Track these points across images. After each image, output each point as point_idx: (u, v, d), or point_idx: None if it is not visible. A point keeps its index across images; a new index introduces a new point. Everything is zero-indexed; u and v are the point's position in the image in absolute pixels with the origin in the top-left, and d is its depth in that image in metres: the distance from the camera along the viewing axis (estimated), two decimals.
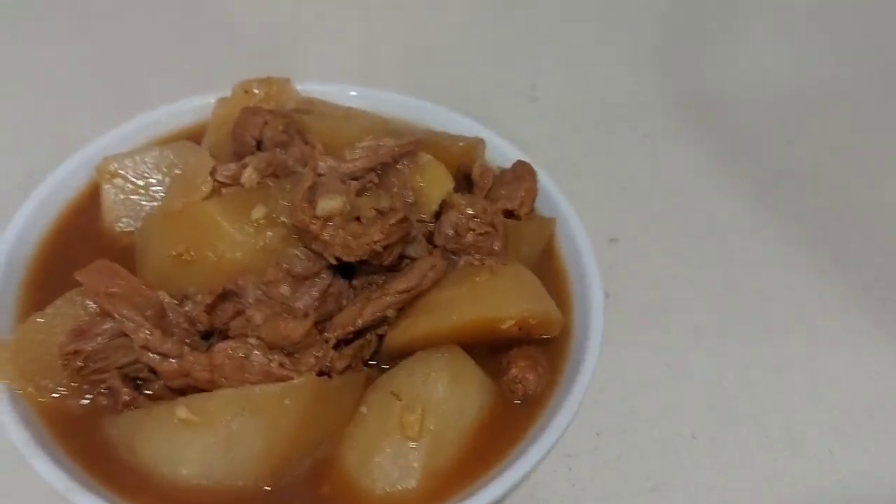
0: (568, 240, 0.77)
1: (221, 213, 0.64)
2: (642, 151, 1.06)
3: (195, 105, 0.86)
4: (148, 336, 0.59)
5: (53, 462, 0.58)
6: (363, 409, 0.63)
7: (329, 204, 0.61)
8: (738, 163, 1.06)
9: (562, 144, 1.04)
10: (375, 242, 0.60)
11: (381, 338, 0.66)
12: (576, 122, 1.10)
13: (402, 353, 0.65)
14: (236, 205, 0.64)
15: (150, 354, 0.60)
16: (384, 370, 0.66)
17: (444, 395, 0.63)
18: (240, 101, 0.81)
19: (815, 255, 0.95)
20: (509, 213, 0.75)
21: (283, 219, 0.64)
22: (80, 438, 0.61)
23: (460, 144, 0.79)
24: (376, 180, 0.66)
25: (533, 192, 0.77)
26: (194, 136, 0.83)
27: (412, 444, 0.61)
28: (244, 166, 0.67)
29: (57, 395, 0.62)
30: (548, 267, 0.76)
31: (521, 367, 0.67)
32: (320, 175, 0.64)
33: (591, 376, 0.66)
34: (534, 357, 0.68)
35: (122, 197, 0.75)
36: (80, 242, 0.74)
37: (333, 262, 0.61)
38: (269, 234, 0.64)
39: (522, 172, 0.78)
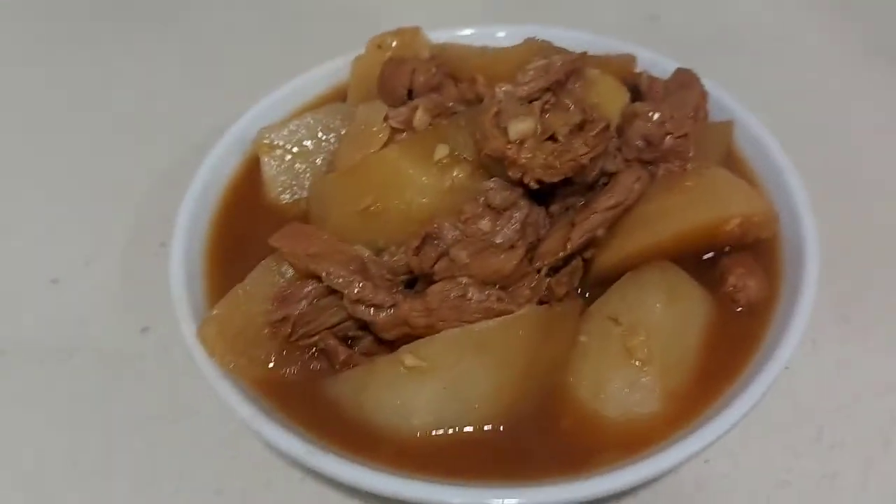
0: (750, 141, 0.73)
1: (404, 158, 0.61)
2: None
3: (325, 71, 0.85)
4: (361, 289, 0.57)
5: (286, 431, 0.56)
6: (583, 339, 0.60)
7: (520, 126, 0.57)
8: None
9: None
10: (582, 156, 0.56)
11: (585, 263, 0.62)
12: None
13: (611, 277, 0.62)
14: (417, 148, 0.62)
15: (364, 307, 0.58)
16: (588, 298, 0.63)
17: (664, 313, 0.60)
18: (375, 56, 0.79)
19: None
20: None
21: (465, 155, 0.61)
22: (301, 405, 0.59)
23: (616, 59, 0.74)
24: (553, 100, 0.62)
25: (705, 95, 0.72)
26: (335, 99, 0.82)
27: (643, 368, 0.58)
28: (414, 109, 0.65)
29: (269, 366, 0.61)
30: (733, 170, 0.70)
31: (739, 273, 0.63)
32: (499, 102, 0.60)
33: (817, 279, 0.61)
34: (749, 263, 0.63)
35: (283, 167, 0.73)
36: (249, 219, 0.73)
37: (535, 186, 0.58)
38: (456, 172, 0.61)
39: (687, 79, 0.73)
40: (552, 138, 0.58)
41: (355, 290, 0.58)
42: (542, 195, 0.61)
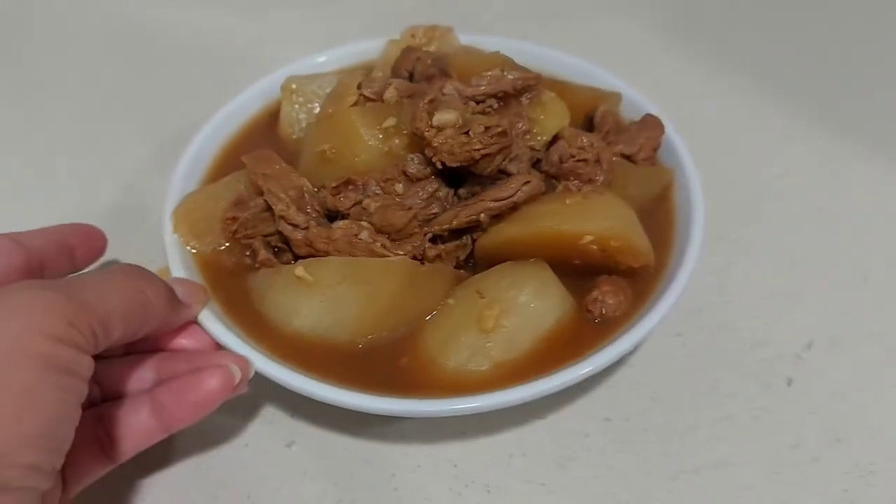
0: (683, 190, 0.80)
1: (359, 119, 0.75)
2: None
3: (370, 46, 0.99)
4: (285, 209, 0.72)
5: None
6: (450, 301, 0.71)
7: (444, 116, 0.70)
8: None
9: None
10: (475, 150, 0.68)
11: (474, 242, 0.73)
12: None
13: (492, 260, 0.72)
14: (372, 115, 0.75)
15: (285, 224, 0.72)
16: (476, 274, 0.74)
17: (525, 300, 0.69)
18: (406, 42, 0.93)
19: None
20: (628, 158, 0.80)
21: (405, 129, 0.74)
22: (226, 288, 0.74)
23: (590, 92, 0.84)
24: (496, 107, 0.74)
25: (654, 140, 0.80)
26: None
27: (486, 336, 0.68)
28: (388, 85, 0.78)
29: (215, 250, 0.77)
30: (660, 215, 0.79)
31: (603, 290, 0.71)
32: (444, 94, 0.73)
33: (673, 302, 0.68)
34: (619, 285, 0.71)
35: (296, 109, 0.89)
36: (262, 144, 0.89)
37: (439, 166, 0.70)
38: (395, 141, 0.74)
39: (649, 123, 0.82)
40: (468, 133, 0.70)
41: (281, 208, 0.72)
42: (456, 179, 0.73)
